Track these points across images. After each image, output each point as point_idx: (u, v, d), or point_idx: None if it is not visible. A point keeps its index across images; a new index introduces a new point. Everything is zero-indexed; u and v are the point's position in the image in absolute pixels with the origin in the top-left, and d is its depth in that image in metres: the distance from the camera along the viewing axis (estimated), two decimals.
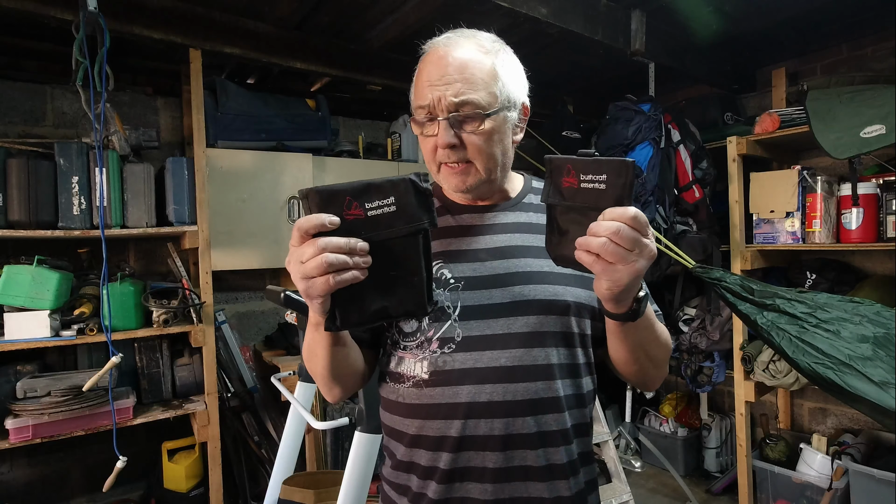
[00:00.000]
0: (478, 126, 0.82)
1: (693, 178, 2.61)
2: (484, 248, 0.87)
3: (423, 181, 0.64)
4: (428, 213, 0.65)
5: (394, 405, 0.87)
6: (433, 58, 0.84)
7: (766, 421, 2.98)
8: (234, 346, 2.80)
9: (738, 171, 2.53)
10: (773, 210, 2.49)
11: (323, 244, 0.60)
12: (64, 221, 2.06)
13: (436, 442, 0.82)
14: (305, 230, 0.61)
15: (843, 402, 1.82)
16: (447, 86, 0.81)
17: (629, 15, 2.41)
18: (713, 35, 2.57)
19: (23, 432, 1.96)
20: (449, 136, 0.81)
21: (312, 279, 0.61)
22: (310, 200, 0.62)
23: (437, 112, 0.82)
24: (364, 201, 0.62)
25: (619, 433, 3.37)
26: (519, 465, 0.80)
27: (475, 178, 0.85)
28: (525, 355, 0.81)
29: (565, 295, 0.84)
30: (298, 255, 0.62)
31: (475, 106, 0.81)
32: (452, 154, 0.82)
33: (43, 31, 2.20)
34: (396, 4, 2.28)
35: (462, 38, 0.85)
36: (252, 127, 2.63)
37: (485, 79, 0.82)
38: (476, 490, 0.80)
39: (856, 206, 2.27)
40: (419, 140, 0.88)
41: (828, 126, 2.14)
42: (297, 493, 1.69)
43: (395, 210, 0.63)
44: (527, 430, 0.79)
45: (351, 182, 0.62)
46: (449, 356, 0.81)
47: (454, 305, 0.82)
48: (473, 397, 0.80)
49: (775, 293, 1.97)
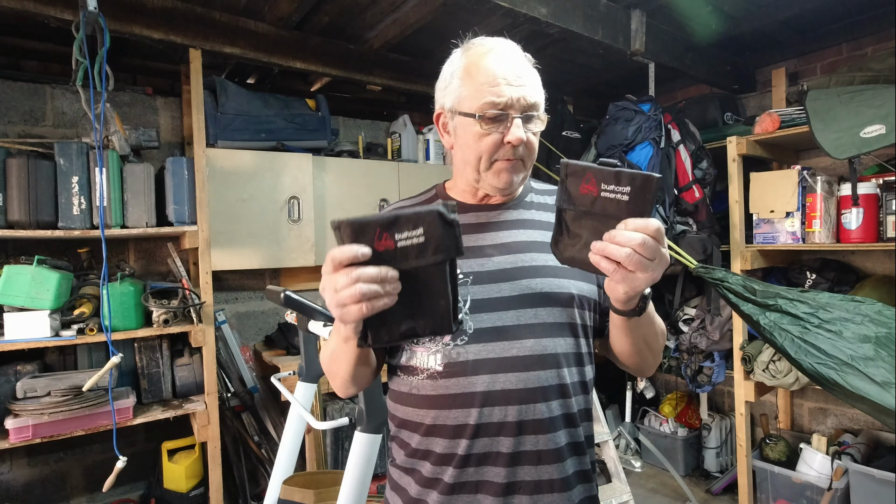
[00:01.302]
0: (538, 126, 0.89)
1: (693, 178, 2.61)
2: (491, 245, 0.91)
3: (450, 212, 0.66)
4: (455, 242, 0.67)
5: (406, 397, 0.90)
6: (502, 57, 0.88)
7: (766, 421, 2.98)
8: (234, 346, 2.80)
9: (738, 171, 2.53)
10: (773, 210, 2.49)
11: (356, 275, 0.63)
12: (64, 221, 2.06)
13: (454, 430, 0.85)
14: (339, 261, 0.64)
15: (845, 402, 1.82)
16: (522, 87, 0.86)
17: (629, 15, 2.41)
18: (713, 35, 2.57)
19: (23, 432, 1.96)
20: (523, 132, 0.85)
21: (347, 306, 0.64)
22: (342, 231, 0.65)
23: (513, 110, 0.85)
24: (394, 232, 0.65)
25: (619, 433, 3.37)
26: (531, 448, 0.84)
27: (521, 175, 0.90)
28: (535, 345, 0.85)
29: (569, 287, 0.89)
30: (332, 284, 0.65)
31: (539, 108, 0.88)
32: (518, 151, 0.87)
33: (43, 31, 2.20)
34: (396, 4, 2.28)
35: (512, 46, 0.91)
36: (252, 127, 2.63)
37: (539, 86, 0.90)
38: (491, 473, 0.84)
39: (856, 206, 2.27)
40: (470, 137, 0.88)
41: (828, 126, 2.14)
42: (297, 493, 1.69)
43: (424, 241, 0.65)
44: (538, 416, 0.84)
45: (381, 213, 0.66)
46: (462, 348, 0.85)
47: (464, 300, 0.86)
48: (489, 386, 0.83)
49: (777, 293, 1.97)
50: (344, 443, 2.57)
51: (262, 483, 2.61)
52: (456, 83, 0.90)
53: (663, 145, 2.57)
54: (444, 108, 0.93)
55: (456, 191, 0.98)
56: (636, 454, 3.35)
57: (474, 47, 0.91)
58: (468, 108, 0.87)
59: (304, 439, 2.28)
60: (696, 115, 2.88)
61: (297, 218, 2.75)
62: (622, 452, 3.32)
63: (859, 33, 2.67)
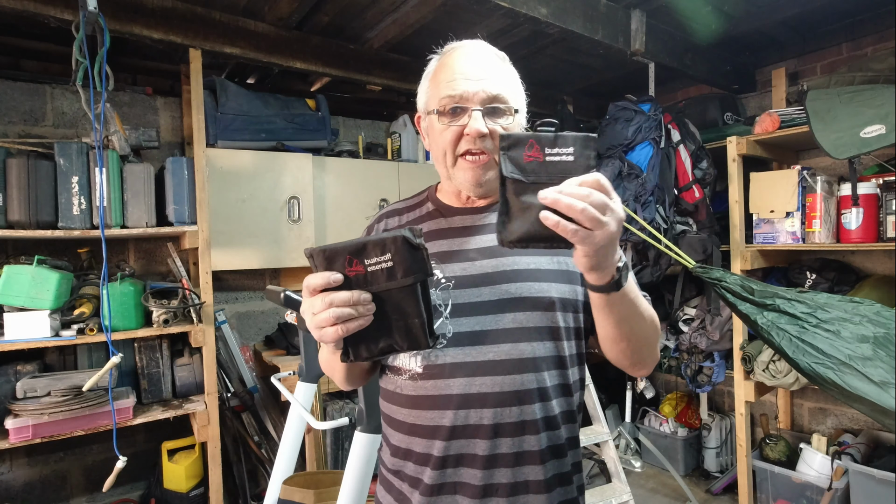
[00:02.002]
0: (507, 120, 0.88)
1: (693, 178, 2.61)
2: (474, 248, 0.91)
3: (416, 237, 0.70)
4: (422, 265, 0.71)
5: (392, 395, 0.93)
6: (462, 54, 0.90)
7: (766, 421, 2.98)
8: (234, 346, 2.80)
9: (738, 171, 2.53)
10: (773, 210, 2.49)
11: (329, 300, 0.68)
12: (64, 221, 2.06)
13: (430, 430, 0.86)
14: (314, 287, 0.69)
15: (843, 402, 1.82)
16: (482, 80, 0.86)
17: (629, 15, 2.41)
18: (713, 35, 2.57)
19: (23, 432, 1.96)
20: (482, 124, 0.85)
21: (324, 328, 0.69)
22: (315, 259, 0.70)
23: (471, 103, 0.86)
24: (363, 258, 0.69)
25: (619, 433, 3.37)
26: (507, 451, 0.84)
27: (493, 172, 0.89)
28: (512, 349, 0.85)
29: (550, 291, 0.88)
30: (310, 308, 0.69)
31: (505, 101, 0.88)
32: (480, 143, 0.86)
33: (43, 31, 2.20)
34: (396, 4, 2.28)
35: (479, 45, 0.92)
36: (252, 127, 2.63)
37: (509, 81, 0.91)
38: (468, 475, 0.85)
39: (856, 206, 2.27)
40: (435, 133, 0.91)
41: (828, 126, 2.14)
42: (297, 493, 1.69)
43: (392, 265, 0.69)
44: (514, 419, 0.84)
45: (350, 241, 0.70)
46: (441, 351, 0.86)
47: (445, 304, 0.87)
48: (465, 389, 0.84)
49: (775, 293, 1.97)
50: (344, 443, 2.57)
51: (262, 483, 2.61)
52: (426, 84, 0.94)
53: (663, 145, 2.57)
54: (420, 110, 0.97)
55: (443, 193, 0.99)
56: (636, 454, 3.35)
57: (445, 50, 0.94)
58: (432, 106, 0.90)
59: (304, 439, 2.28)
60: (696, 115, 2.88)
61: (297, 218, 2.75)
62: (622, 452, 3.32)
63: (859, 33, 2.67)
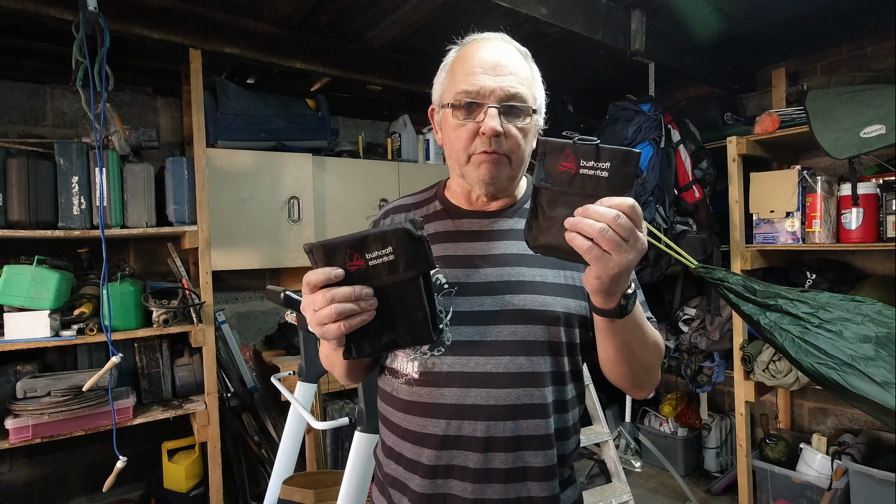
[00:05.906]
0: (524, 120, 0.84)
1: (693, 178, 2.61)
2: (480, 255, 0.88)
3: (417, 229, 0.68)
4: (424, 257, 0.69)
5: (389, 397, 0.92)
6: (483, 47, 0.86)
7: (766, 421, 2.98)
8: (234, 346, 2.80)
9: (738, 171, 2.53)
10: (773, 210, 2.49)
11: (330, 296, 0.65)
12: (64, 221, 2.06)
13: (420, 437, 0.85)
14: (314, 284, 0.66)
15: (845, 403, 1.82)
16: (501, 76, 0.82)
17: (629, 15, 2.41)
18: (713, 35, 2.56)
19: (23, 432, 1.96)
20: (497, 123, 0.81)
21: (325, 325, 0.66)
22: (315, 255, 0.67)
23: (488, 100, 0.82)
24: (364, 252, 0.67)
25: (619, 433, 3.36)
26: (500, 466, 0.82)
27: (506, 172, 0.86)
28: (510, 363, 0.82)
29: (555, 305, 0.85)
30: (311, 304, 0.67)
31: (524, 100, 0.84)
32: (495, 142, 0.82)
33: (43, 31, 2.20)
34: (396, 4, 2.28)
35: (502, 38, 0.88)
36: (252, 127, 2.63)
37: (528, 80, 0.86)
38: (458, 487, 0.83)
39: (856, 206, 2.27)
40: (449, 129, 0.87)
41: (828, 126, 2.14)
42: (297, 493, 1.69)
43: (394, 258, 0.67)
44: (507, 434, 0.81)
45: (350, 235, 0.67)
46: (438, 359, 0.84)
47: (446, 310, 0.85)
48: (459, 399, 0.82)
49: (777, 293, 1.97)
50: (344, 443, 2.57)
51: (262, 483, 2.61)
52: (442, 76, 0.90)
53: (663, 145, 2.57)
54: (434, 102, 0.92)
55: (452, 192, 0.95)
56: (636, 454, 3.35)
57: (466, 41, 0.90)
58: (447, 99, 0.87)
59: (304, 439, 2.28)
60: (696, 115, 2.88)
61: (297, 218, 2.75)
62: (622, 452, 3.32)
63: (859, 33, 2.67)
